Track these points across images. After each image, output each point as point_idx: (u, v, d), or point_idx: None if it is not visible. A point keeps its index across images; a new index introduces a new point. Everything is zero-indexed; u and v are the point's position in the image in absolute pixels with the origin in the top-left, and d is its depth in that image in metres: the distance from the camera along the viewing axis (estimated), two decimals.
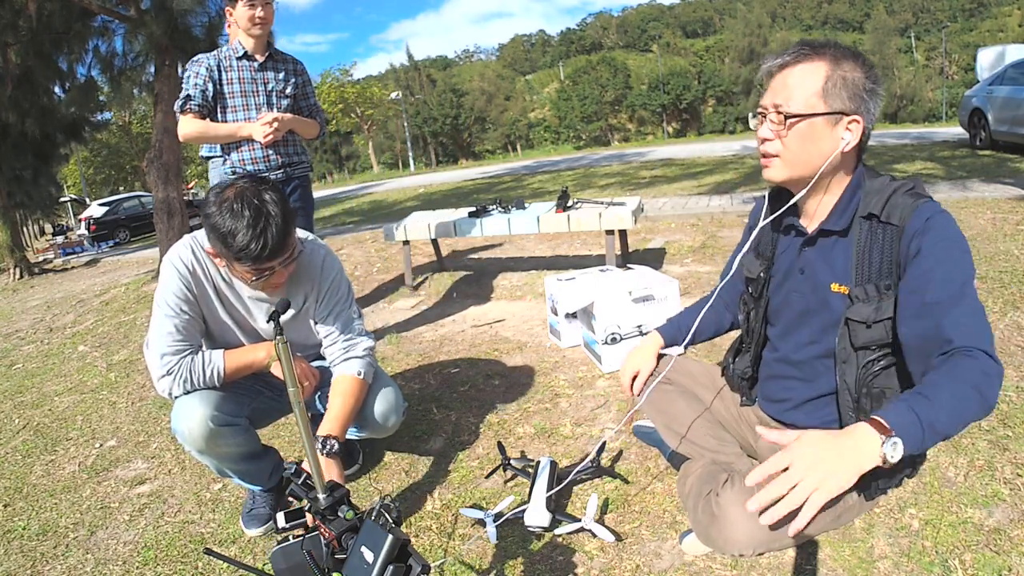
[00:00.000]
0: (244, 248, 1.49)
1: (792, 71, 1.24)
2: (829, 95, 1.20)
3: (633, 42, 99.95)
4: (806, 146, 1.23)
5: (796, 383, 1.43)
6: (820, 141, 1.22)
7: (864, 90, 1.21)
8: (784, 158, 1.26)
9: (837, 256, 1.29)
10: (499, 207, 4.02)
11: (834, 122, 1.21)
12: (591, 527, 1.55)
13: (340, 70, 49.90)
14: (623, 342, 2.57)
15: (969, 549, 1.37)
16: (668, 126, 60.41)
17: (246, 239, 1.48)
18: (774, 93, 1.26)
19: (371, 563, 1.00)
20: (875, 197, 1.23)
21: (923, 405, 1.00)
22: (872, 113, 1.23)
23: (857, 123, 1.22)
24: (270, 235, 1.50)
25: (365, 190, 18.22)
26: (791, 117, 1.22)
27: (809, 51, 1.23)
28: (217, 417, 1.61)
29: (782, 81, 1.25)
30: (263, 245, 1.50)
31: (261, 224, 1.49)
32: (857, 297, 1.25)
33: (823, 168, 1.23)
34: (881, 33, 57.29)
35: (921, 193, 1.22)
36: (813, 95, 1.21)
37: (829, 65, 1.21)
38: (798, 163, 1.25)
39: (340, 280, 1.85)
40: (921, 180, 1.27)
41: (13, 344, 4.72)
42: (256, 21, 2.71)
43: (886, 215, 1.21)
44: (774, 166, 1.28)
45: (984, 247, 3.44)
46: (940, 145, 9.40)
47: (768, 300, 1.46)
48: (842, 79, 1.20)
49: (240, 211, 1.49)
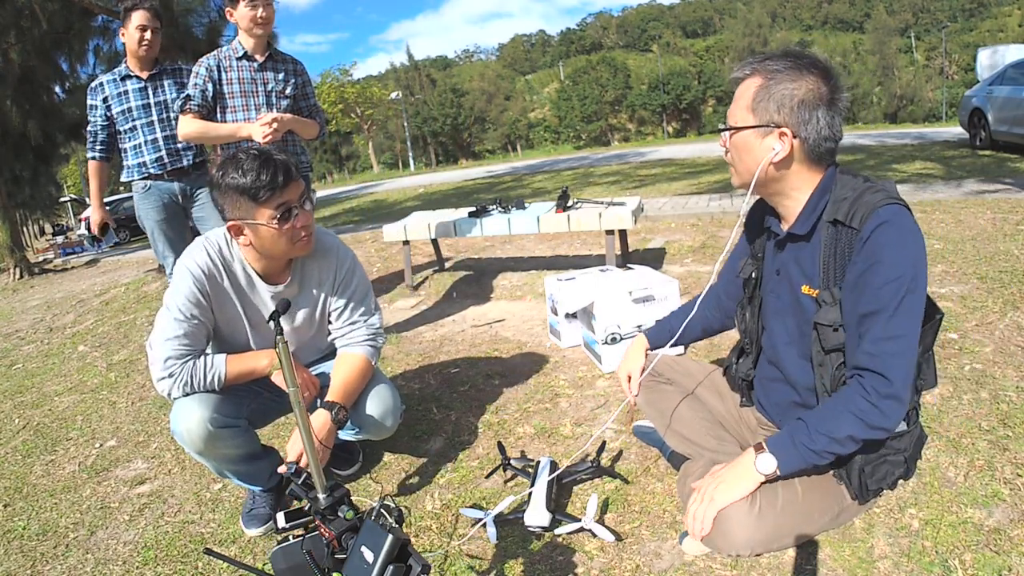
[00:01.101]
0: (256, 180, 1.56)
1: (740, 85, 1.30)
2: (757, 109, 1.25)
3: (633, 42, 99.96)
4: (743, 156, 1.30)
5: (782, 385, 1.45)
6: (752, 152, 1.28)
7: (797, 102, 1.22)
8: (735, 167, 1.34)
9: (806, 259, 1.32)
10: (499, 207, 4.02)
11: (763, 134, 1.26)
12: (591, 527, 1.55)
13: (340, 70, 49.96)
14: (623, 342, 2.56)
15: (969, 549, 1.37)
16: (668, 126, 60.42)
17: (255, 172, 1.56)
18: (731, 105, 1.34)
19: (371, 563, 1.00)
20: (842, 202, 1.24)
21: (798, 428, 1.24)
22: (810, 124, 1.22)
23: (785, 135, 1.24)
24: (278, 164, 1.59)
25: (365, 190, 18.22)
26: (727, 130, 1.31)
27: (752, 67, 1.29)
28: (216, 419, 1.61)
29: (734, 95, 1.32)
30: (274, 171, 1.57)
31: (265, 159, 1.59)
32: (824, 301, 1.27)
33: (756, 176, 1.28)
34: (881, 33, 57.36)
35: (890, 193, 1.22)
36: (744, 109, 1.27)
37: (762, 79, 1.25)
38: (743, 171, 1.32)
39: (355, 268, 1.89)
40: (894, 183, 1.27)
41: (13, 344, 4.71)
42: (258, 21, 2.72)
43: (849, 218, 1.22)
44: (732, 173, 1.37)
45: (984, 247, 3.44)
46: (940, 145, 9.40)
47: (761, 300, 1.48)
48: (769, 93, 1.24)
49: (244, 158, 1.59)
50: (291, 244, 1.66)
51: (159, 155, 3.10)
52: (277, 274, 1.78)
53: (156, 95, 3.11)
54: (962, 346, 2.31)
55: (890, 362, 1.16)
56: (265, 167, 1.57)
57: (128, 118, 3.10)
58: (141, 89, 3.10)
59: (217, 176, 1.61)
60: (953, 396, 1.98)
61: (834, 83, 1.23)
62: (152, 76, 3.12)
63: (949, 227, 3.95)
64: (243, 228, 1.62)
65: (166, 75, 3.15)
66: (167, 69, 3.17)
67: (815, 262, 1.29)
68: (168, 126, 3.10)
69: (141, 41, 3.03)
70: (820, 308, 1.27)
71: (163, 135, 3.10)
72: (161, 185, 3.13)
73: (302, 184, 1.67)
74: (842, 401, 1.21)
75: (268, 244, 1.65)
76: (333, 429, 1.66)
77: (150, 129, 3.10)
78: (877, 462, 1.29)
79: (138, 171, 3.12)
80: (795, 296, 1.34)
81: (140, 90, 3.10)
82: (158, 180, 3.12)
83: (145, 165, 3.10)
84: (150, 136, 3.10)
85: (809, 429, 1.22)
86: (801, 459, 1.23)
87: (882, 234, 1.17)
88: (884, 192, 1.22)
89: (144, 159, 3.10)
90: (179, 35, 6.51)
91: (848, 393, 1.20)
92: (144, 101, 3.10)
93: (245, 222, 1.60)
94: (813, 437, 1.21)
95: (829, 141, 1.24)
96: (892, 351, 1.17)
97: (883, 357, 1.17)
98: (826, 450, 1.21)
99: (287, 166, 1.61)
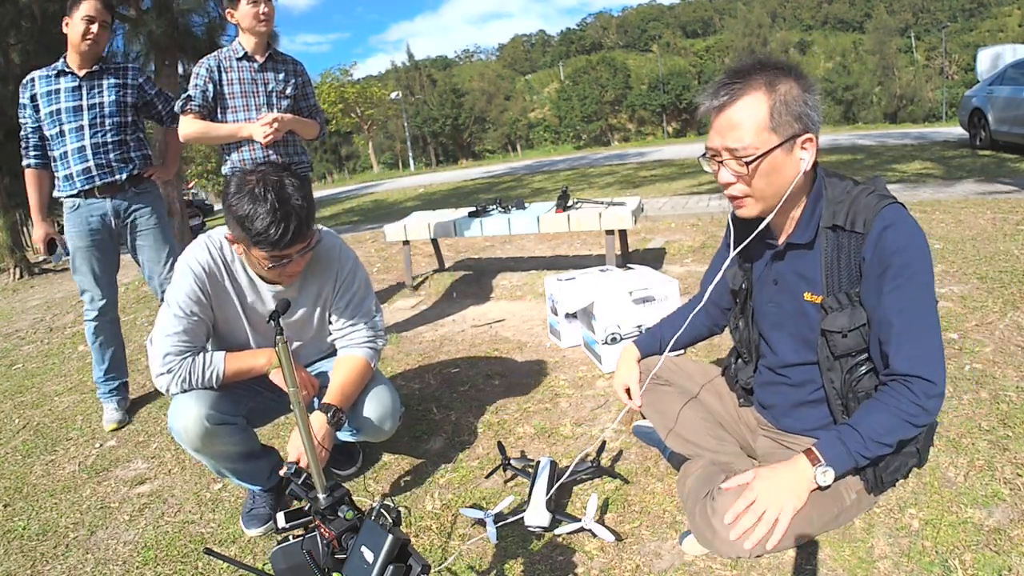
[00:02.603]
0: (263, 233, 1.49)
1: (734, 109, 1.21)
2: (778, 125, 1.18)
3: (633, 42, 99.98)
4: (772, 179, 1.23)
5: (785, 388, 1.45)
6: (783, 171, 1.22)
7: (806, 105, 1.20)
8: (754, 196, 1.26)
9: (807, 267, 1.31)
10: (499, 207, 4.02)
11: (789, 149, 1.21)
12: (591, 527, 1.55)
13: (340, 70, 49.92)
14: (623, 342, 2.56)
15: (969, 549, 1.37)
16: (668, 126, 60.39)
17: (265, 224, 1.48)
18: (722, 135, 1.23)
19: (371, 563, 1.00)
20: (838, 207, 1.24)
21: (852, 437, 1.22)
22: (817, 122, 1.22)
23: (811, 141, 1.22)
24: (291, 222, 1.50)
25: (365, 190, 18.22)
26: (752, 160, 1.20)
27: (742, 83, 1.20)
28: (213, 416, 1.61)
29: (727, 121, 1.22)
30: (283, 231, 1.49)
31: (282, 211, 1.49)
32: (830, 307, 1.27)
33: (789, 191, 1.24)
34: (881, 33, 57.32)
35: (884, 195, 1.22)
36: (764, 129, 1.19)
37: (767, 93, 1.19)
38: (767, 196, 1.25)
39: (356, 269, 1.87)
40: (882, 179, 1.28)
41: (13, 344, 4.71)
42: (260, 18, 2.71)
43: (850, 223, 1.22)
44: (747, 205, 1.28)
45: (984, 247, 3.44)
46: (940, 145, 9.40)
47: (753, 310, 1.48)
48: (784, 104, 1.18)
49: (262, 196, 1.48)
50: (277, 278, 1.70)
51: (86, 166, 2.63)
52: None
53: (91, 96, 2.65)
54: (962, 346, 2.31)
55: (930, 363, 1.19)
56: (278, 224, 1.48)
57: (56, 121, 2.63)
58: (75, 88, 2.63)
59: (229, 193, 1.54)
60: (953, 396, 1.98)
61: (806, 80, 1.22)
62: (90, 74, 2.66)
63: (949, 227, 3.95)
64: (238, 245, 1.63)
65: (107, 74, 2.69)
66: (109, 67, 2.71)
67: (817, 269, 1.29)
68: (100, 132, 2.65)
69: (86, 34, 2.58)
70: (827, 315, 1.27)
71: (92, 143, 2.63)
72: (92, 204, 2.67)
73: (308, 240, 1.60)
74: (891, 407, 1.20)
75: (256, 269, 1.69)
76: (330, 432, 1.65)
77: (78, 135, 2.62)
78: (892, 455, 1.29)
79: (67, 185, 2.66)
80: (798, 304, 1.34)
81: (73, 89, 2.63)
82: (89, 198, 2.67)
83: (72, 178, 2.64)
84: (77, 143, 2.62)
85: (863, 438, 1.21)
86: (853, 466, 1.24)
87: (892, 238, 1.17)
88: (878, 193, 1.22)
89: (70, 170, 2.64)
90: (179, 35, 6.50)
91: (895, 398, 1.20)
92: (76, 103, 2.63)
93: (240, 246, 1.62)
94: (868, 445, 1.21)
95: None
96: (929, 353, 1.19)
97: (922, 360, 1.19)
98: (876, 454, 1.23)
99: (300, 222, 1.52)
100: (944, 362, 1.22)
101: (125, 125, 2.73)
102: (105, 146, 2.66)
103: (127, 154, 2.73)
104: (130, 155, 2.74)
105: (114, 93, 2.69)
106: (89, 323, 2.81)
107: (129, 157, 2.73)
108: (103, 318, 2.81)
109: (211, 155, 33.83)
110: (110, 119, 2.67)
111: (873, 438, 1.20)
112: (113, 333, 2.88)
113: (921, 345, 1.19)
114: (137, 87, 2.77)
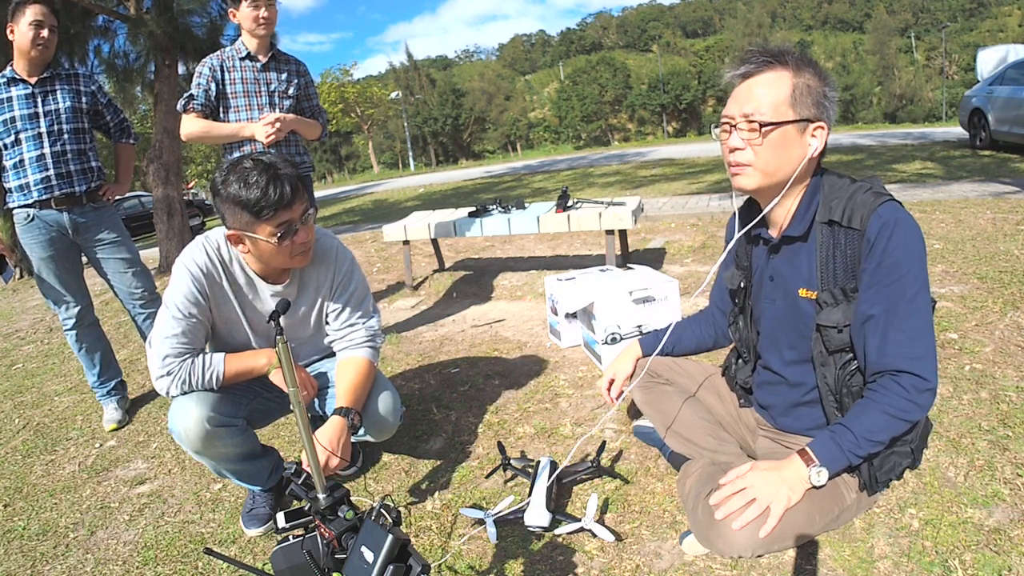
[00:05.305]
0: (263, 197, 1.52)
1: (758, 80, 1.25)
2: (797, 103, 1.22)
3: (633, 42, 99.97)
4: (778, 153, 1.25)
5: (783, 387, 1.45)
6: (791, 148, 1.24)
7: (825, 97, 1.24)
8: (757, 166, 1.27)
9: (802, 262, 1.32)
10: (499, 207, 4.02)
11: (802, 129, 1.24)
12: (591, 527, 1.55)
13: (341, 70, 49.84)
14: (623, 342, 2.56)
15: (969, 549, 1.37)
16: (668, 126, 60.40)
17: (262, 187, 1.53)
18: (741, 103, 1.26)
19: (371, 563, 1.00)
20: (835, 202, 1.25)
21: (845, 435, 1.23)
22: (831, 117, 1.25)
23: (822, 129, 1.24)
24: (284, 181, 1.55)
25: (365, 190, 18.22)
26: (766, 126, 1.22)
27: (771, 59, 1.25)
28: (213, 418, 1.61)
29: (748, 90, 1.26)
30: (280, 189, 1.54)
31: (272, 174, 1.55)
32: (825, 302, 1.27)
33: (796, 174, 1.26)
34: (881, 33, 57.37)
35: (881, 192, 1.23)
36: (783, 103, 1.22)
37: (793, 74, 1.23)
38: (770, 170, 1.26)
39: (353, 268, 1.88)
40: (879, 179, 1.28)
41: (13, 344, 4.71)
42: (260, 21, 2.72)
43: (847, 219, 1.23)
44: (747, 174, 1.29)
45: (984, 247, 3.44)
46: (940, 145, 9.40)
47: (751, 309, 1.48)
48: (807, 87, 1.23)
49: (250, 168, 1.55)
50: (289, 258, 1.67)
51: (45, 175, 2.57)
52: (276, 276, 1.78)
53: (46, 103, 2.59)
54: (962, 346, 2.31)
55: (922, 359, 1.19)
56: (273, 184, 1.53)
57: (10, 130, 2.56)
58: (28, 96, 2.57)
59: (219, 183, 1.57)
60: (953, 396, 1.98)
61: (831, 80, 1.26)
62: (42, 81, 2.60)
63: (949, 227, 3.95)
64: (243, 238, 1.62)
65: (59, 80, 2.64)
66: (60, 74, 2.65)
67: (812, 264, 1.29)
68: (59, 141, 2.60)
69: (36, 40, 2.52)
70: (821, 310, 1.27)
71: (52, 151, 2.58)
72: (47, 215, 2.60)
73: (306, 201, 1.64)
74: (883, 404, 1.21)
75: (266, 256, 1.66)
76: (349, 436, 1.64)
77: (36, 143, 2.57)
78: (886, 454, 1.29)
79: (20, 195, 2.60)
80: (792, 300, 1.34)
81: (27, 97, 2.57)
82: (44, 209, 2.60)
83: (28, 188, 2.58)
84: (35, 151, 2.57)
85: (856, 436, 1.21)
86: (847, 465, 1.25)
87: (889, 234, 1.18)
88: (874, 190, 1.23)
89: (26, 179, 2.57)
90: (179, 35, 6.50)
91: (885, 395, 1.21)
92: (31, 110, 2.57)
93: (245, 234, 1.60)
94: (860, 443, 1.21)
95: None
96: (921, 349, 1.20)
97: (914, 356, 1.19)
98: (869, 452, 1.23)
99: (294, 182, 1.58)
100: (935, 358, 1.22)
101: (83, 132, 2.69)
102: (65, 155, 2.62)
103: (88, 164, 2.69)
104: (91, 164, 2.70)
105: (69, 99, 2.65)
106: (69, 332, 2.78)
107: (90, 167, 2.70)
108: (81, 324, 2.78)
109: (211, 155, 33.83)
110: (67, 125, 2.63)
111: (866, 436, 1.21)
112: (96, 336, 2.86)
113: (912, 341, 1.20)
114: (90, 94, 2.73)
